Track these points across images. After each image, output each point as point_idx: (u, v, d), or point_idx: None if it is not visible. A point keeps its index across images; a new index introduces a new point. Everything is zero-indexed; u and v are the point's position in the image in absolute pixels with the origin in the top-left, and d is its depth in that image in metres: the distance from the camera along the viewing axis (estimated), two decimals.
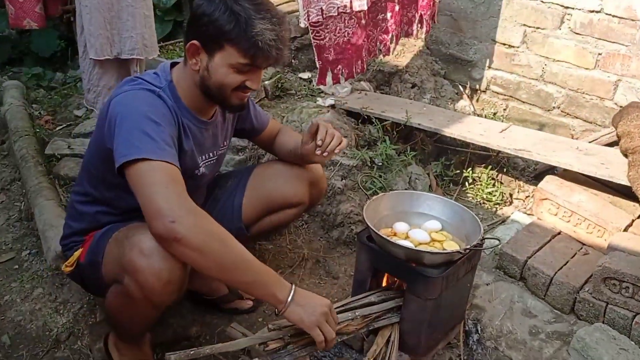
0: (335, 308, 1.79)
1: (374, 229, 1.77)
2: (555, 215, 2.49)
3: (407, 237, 1.88)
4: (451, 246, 1.86)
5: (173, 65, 1.67)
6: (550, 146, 2.60)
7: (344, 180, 2.57)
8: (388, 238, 1.75)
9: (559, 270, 2.26)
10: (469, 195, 2.92)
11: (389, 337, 1.84)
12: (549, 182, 2.54)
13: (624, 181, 2.29)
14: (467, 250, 1.74)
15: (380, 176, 2.60)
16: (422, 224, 1.96)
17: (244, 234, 2.00)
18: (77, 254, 1.72)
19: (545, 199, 2.52)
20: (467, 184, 2.95)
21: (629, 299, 2.05)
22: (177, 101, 1.62)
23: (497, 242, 1.80)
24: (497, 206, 2.84)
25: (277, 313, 1.49)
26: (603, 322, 2.13)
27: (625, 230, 2.30)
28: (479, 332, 2.14)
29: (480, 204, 2.86)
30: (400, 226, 1.93)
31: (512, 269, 2.36)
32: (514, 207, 2.85)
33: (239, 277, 1.42)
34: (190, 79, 1.61)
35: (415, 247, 1.82)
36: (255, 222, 2.04)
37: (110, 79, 2.33)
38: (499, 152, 2.84)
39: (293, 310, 1.46)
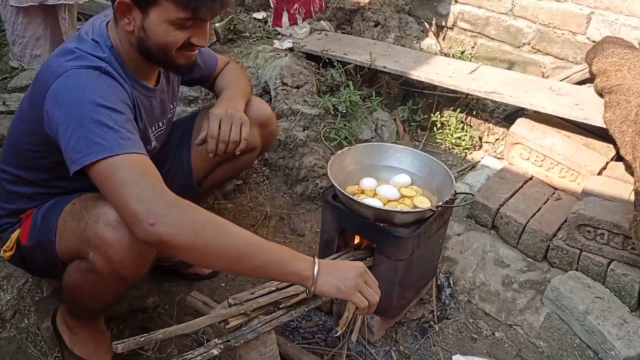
0: None
1: (340, 188, 1.63)
2: (527, 159, 2.40)
3: (375, 195, 1.76)
4: (422, 202, 1.74)
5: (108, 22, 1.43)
6: (521, 86, 2.47)
7: (306, 131, 2.40)
8: (355, 198, 1.62)
9: (531, 217, 2.18)
10: (437, 140, 2.79)
11: None
12: (521, 125, 2.42)
13: (599, 123, 2.18)
14: (439, 208, 1.62)
15: (345, 125, 2.44)
16: (390, 179, 1.84)
17: (196, 191, 1.84)
18: (14, 235, 1.53)
19: (517, 143, 2.41)
20: (435, 129, 2.81)
21: (604, 246, 2.00)
22: (124, 71, 1.40)
23: (470, 196, 1.69)
24: (467, 151, 2.73)
25: (309, 293, 1.31)
26: (577, 270, 2.08)
27: (600, 173, 2.22)
28: (452, 285, 2.07)
29: (449, 149, 2.74)
30: (368, 182, 1.80)
31: (483, 218, 2.28)
32: (484, 151, 2.75)
33: (248, 263, 1.25)
34: (127, 41, 1.38)
35: (384, 205, 1.70)
36: (207, 175, 1.88)
37: (37, 28, 2.05)
38: (469, 94, 2.70)
39: (325, 281, 1.27)
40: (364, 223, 1.66)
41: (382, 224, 1.64)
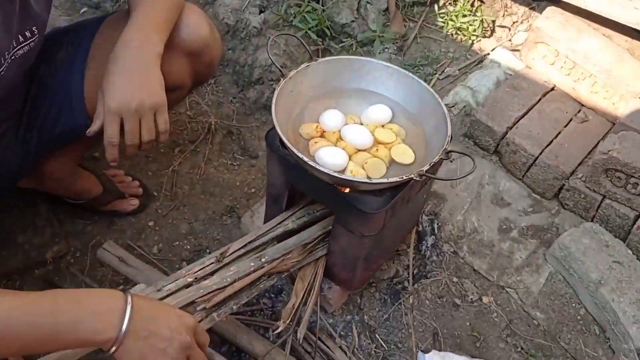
0: (232, 252, 1.25)
1: (286, 140, 1.13)
2: (552, 64, 1.84)
3: (339, 139, 1.26)
4: (402, 154, 1.25)
5: None
6: None
7: (262, 15, 1.80)
8: (304, 158, 1.12)
9: (546, 147, 1.71)
10: (438, 22, 2.18)
11: (314, 274, 1.35)
12: (549, 19, 1.82)
13: None
14: (422, 177, 1.14)
15: (315, 8, 1.83)
16: (364, 111, 1.32)
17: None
18: None
19: (541, 42, 1.83)
20: (436, 6, 2.18)
21: (636, 197, 1.56)
22: None
23: (470, 160, 1.19)
24: (475, 38, 2.13)
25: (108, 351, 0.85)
26: (594, 219, 1.67)
27: None
28: (435, 232, 1.66)
29: (452, 35, 2.14)
30: (331, 119, 1.29)
31: (485, 141, 1.81)
32: (496, 40, 2.15)
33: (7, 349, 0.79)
34: None
35: (351, 156, 1.22)
36: None
37: None
38: None
39: (129, 349, 0.83)
40: (319, 185, 1.19)
41: (343, 190, 1.18)
